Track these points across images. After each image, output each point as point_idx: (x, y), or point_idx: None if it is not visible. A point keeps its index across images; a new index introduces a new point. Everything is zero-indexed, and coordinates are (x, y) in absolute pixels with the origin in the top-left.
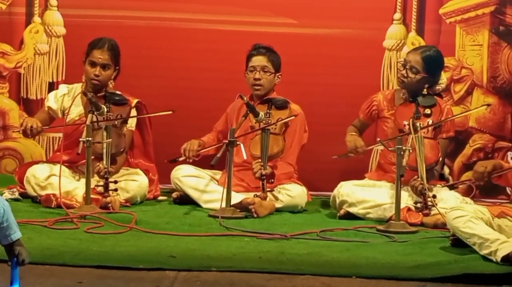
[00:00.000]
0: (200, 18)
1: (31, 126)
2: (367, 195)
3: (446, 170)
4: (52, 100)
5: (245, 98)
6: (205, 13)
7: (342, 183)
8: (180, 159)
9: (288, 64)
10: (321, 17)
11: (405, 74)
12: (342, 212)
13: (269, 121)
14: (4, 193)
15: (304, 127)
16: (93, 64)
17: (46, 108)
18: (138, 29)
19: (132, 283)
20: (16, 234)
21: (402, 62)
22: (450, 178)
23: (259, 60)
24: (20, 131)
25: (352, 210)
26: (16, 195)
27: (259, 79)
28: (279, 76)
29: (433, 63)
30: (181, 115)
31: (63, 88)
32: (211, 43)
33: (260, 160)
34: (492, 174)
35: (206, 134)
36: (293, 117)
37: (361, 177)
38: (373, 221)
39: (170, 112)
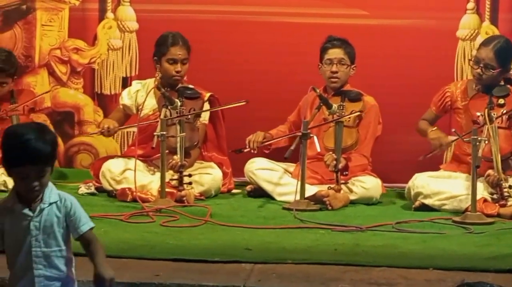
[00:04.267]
0: (271, 11)
1: (108, 127)
2: (443, 186)
3: None
4: (126, 98)
5: (318, 91)
6: (276, 5)
7: (417, 175)
8: (245, 150)
9: (360, 55)
10: (393, 8)
11: (481, 73)
12: (417, 203)
13: (343, 113)
14: (80, 187)
15: (378, 119)
16: (173, 61)
17: (121, 106)
18: (210, 23)
19: (208, 276)
20: (86, 225)
21: (475, 60)
22: None
23: (336, 53)
24: (98, 133)
25: (428, 201)
26: (92, 189)
27: (336, 72)
28: (354, 68)
29: (505, 55)
30: (253, 108)
31: (136, 84)
32: (282, 36)
33: (332, 152)
34: None
35: (278, 126)
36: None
37: (436, 168)
38: (448, 213)
39: (244, 103)
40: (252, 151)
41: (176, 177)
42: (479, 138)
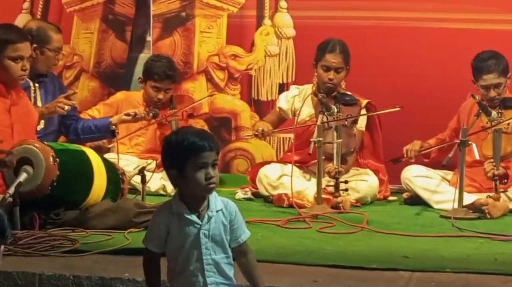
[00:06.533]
0: (428, 17)
1: (262, 130)
2: None
3: None
4: (283, 101)
5: (477, 98)
6: (432, 11)
7: None
8: (402, 159)
9: None
10: None
11: None
12: None
13: (501, 121)
14: (237, 192)
15: None
16: (327, 68)
17: (277, 109)
18: (367, 29)
19: (367, 283)
20: (245, 234)
21: None
22: None
23: (491, 79)
24: (252, 135)
25: None
26: (249, 195)
27: (495, 96)
28: (509, 77)
29: None
30: (410, 114)
31: (293, 89)
32: (439, 41)
33: (492, 160)
34: None
35: (436, 133)
36: None
37: None
38: None
39: (398, 108)
40: (410, 160)
41: (332, 183)
42: None
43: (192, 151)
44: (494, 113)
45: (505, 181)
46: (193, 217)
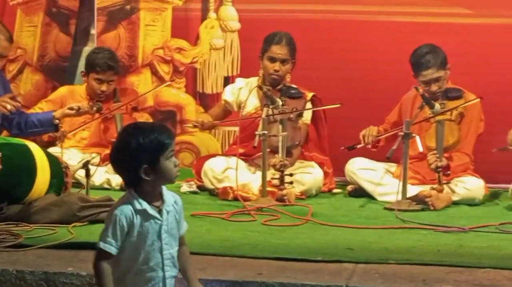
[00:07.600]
0: (374, 10)
1: (202, 121)
2: None
3: None
4: (229, 94)
5: (420, 90)
6: (378, 4)
7: None
8: (358, 146)
9: (461, 54)
10: (498, 6)
11: None
12: None
13: (444, 111)
14: (182, 185)
15: (480, 116)
16: (272, 60)
17: (223, 102)
18: (313, 22)
19: (311, 275)
20: (185, 226)
21: None
22: None
23: (430, 74)
24: (192, 126)
25: None
26: (194, 188)
27: (435, 90)
28: (449, 69)
29: None
30: (355, 107)
31: (239, 81)
32: (385, 34)
33: (435, 152)
34: None
35: (379, 126)
36: (473, 101)
37: None
38: None
39: (338, 105)
40: (367, 146)
41: (277, 176)
42: None
43: (164, 145)
44: (437, 105)
45: (448, 173)
46: (156, 213)
